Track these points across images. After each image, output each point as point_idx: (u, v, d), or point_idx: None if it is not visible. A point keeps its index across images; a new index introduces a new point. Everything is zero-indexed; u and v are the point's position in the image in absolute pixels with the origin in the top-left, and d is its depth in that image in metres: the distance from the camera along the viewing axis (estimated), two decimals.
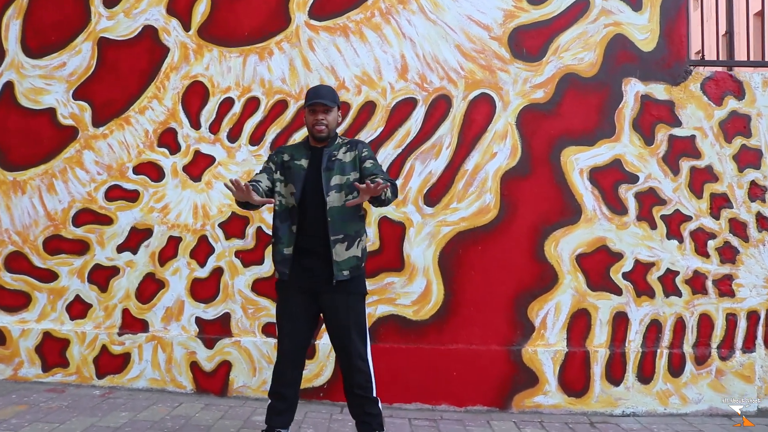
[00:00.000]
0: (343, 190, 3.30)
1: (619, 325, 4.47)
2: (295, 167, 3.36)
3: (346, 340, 3.31)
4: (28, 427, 3.66)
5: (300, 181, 3.32)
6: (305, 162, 3.37)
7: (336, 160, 3.35)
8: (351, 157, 3.37)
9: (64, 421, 3.76)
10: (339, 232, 3.27)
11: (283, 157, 3.42)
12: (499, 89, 4.54)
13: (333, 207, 3.27)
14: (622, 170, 4.51)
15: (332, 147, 3.39)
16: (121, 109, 4.62)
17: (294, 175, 3.35)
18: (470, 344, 4.44)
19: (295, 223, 3.31)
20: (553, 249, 4.48)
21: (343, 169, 3.33)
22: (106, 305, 4.57)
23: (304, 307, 3.33)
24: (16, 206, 4.64)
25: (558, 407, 4.39)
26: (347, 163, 3.35)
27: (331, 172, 3.32)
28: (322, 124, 3.33)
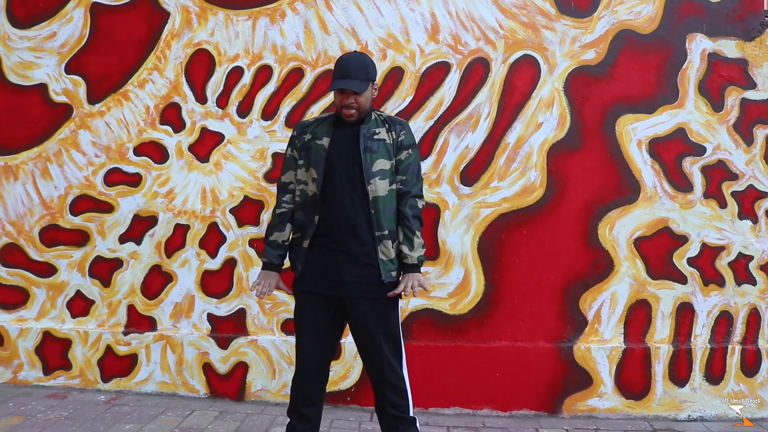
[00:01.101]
0: (387, 177, 2.77)
1: (684, 318, 3.94)
2: (315, 147, 2.81)
3: (377, 354, 2.79)
4: None
5: (321, 164, 2.77)
6: (326, 141, 2.80)
7: (378, 140, 2.78)
8: (390, 139, 2.81)
9: None
10: (384, 228, 2.75)
11: (305, 137, 2.87)
12: (543, 50, 3.96)
13: (377, 197, 2.74)
14: (687, 141, 3.93)
15: (369, 123, 2.82)
16: (119, 82, 4.13)
17: (314, 157, 2.80)
18: (515, 341, 3.94)
19: (317, 213, 2.79)
20: (608, 232, 3.94)
21: (388, 153, 2.78)
22: (110, 301, 4.14)
23: (326, 315, 2.81)
24: (9, 194, 4.20)
25: (615, 411, 3.89)
26: (389, 144, 2.80)
27: (374, 154, 2.76)
28: (351, 107, 2.75)
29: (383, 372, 2.79)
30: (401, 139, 2.83)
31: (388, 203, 2.77)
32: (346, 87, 2.71)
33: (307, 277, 2.81)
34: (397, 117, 3.05)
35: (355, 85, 2.72)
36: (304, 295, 2.83)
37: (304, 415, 2.84)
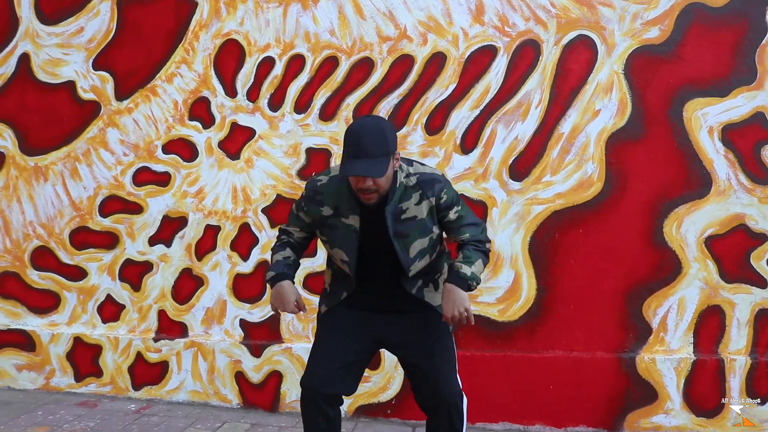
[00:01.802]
0: (428, 253, 2.44)
1: (764, 326, 3.52)
2: (342, 228, 2.42)
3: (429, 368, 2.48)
4: None
5: (353, 247, 2.40)
6: (355, 221, 2.40)
7: (410, 220, 2.38)
8: (427, 208, 2.39)
9: None
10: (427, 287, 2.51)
11: (322, 211, 2.45)
12: (601, 29, 3.58)
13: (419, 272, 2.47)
14: (767, 126, 3.49)
15: (395, 198, 2.37)
16: (147, 77, 3.95)
17: (342, 238, 2.42)
18: (570, 351, 3.59)
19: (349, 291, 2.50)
20: (675, 231, 3.54)
21: (423, 230, 2.40)
22: (140, 306, 3.98)
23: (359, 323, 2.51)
24: (39, 195, 4.08)
25: (683, 429, 3.50)
26: (425, 218, 2.40)
27: (406, 238, 2.38)
28: (370, 191, 2.29)
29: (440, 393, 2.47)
30: (443, 200, 2.40)
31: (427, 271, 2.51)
32: (363, 173, 2.22)
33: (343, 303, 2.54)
34: (431, 172, 2.47)
35: (373, 169, 2.22)
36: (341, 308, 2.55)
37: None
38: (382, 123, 2.34)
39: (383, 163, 2.24)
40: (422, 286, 2.48)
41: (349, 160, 2.24)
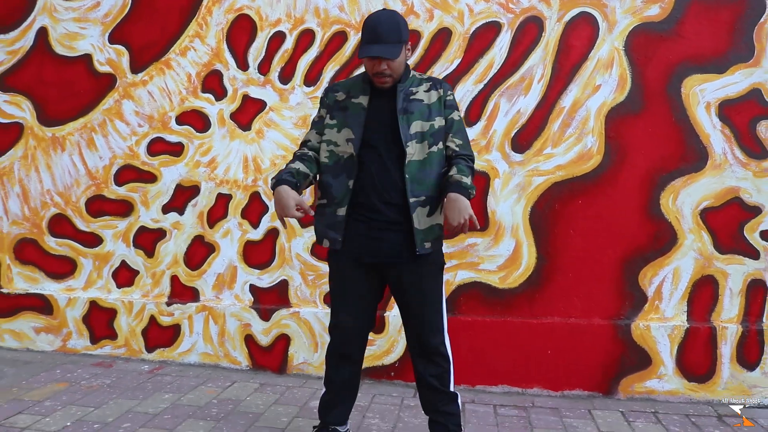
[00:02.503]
0: (426, 139, 2.58)
1: (755, 296, 3.63)
2: (351, 107, 2.64)
3: (419, 321, 2.66)
4: (60, 411, 3.25)
5: (359, 124, 2.59)
6: (364, 100, 2.62)
7: (416, 101, 2.60)
8: (435, 97, 2.63)
9: (100, 405, 3.34)
10: (420, 194, 2.55)
11: (336, 96, 2.69)
12: (602, 6, 3.68)
13: (413, 161, 2.54)
14: (763, 102, 3.59)
15: (407, 82, 2.64)
16: (161, 51, 4.07)
17: (351, 116, 2.62)
18: (568, 318, 3.72)
19: (353, 177, 2.59)
20: (672, 203, 3.65)
21: (426, 113, 2.59)
22: (154, 272, 4.12)
23: (365, 282, 2.67)
24: (57, 165, 4.22)
25: (675, 394, 3.63)
26: (431, 104, 2.61)
27: (410, 115, 2.57)
28: (384, 75, 2.55)
29: (422, 337, 2.65)
30: (449, 98, 2.66)
31: (426, 167, 2.57)
32: (378, 54, 2.48)
33: (346, 246, 2.65)
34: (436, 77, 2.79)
35: (387, 51, 2.49)
36: (343, 260, 2.67)
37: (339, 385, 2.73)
38: (396, 15, 2.60)
39: (397, 47, 2.51)
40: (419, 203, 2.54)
41: (366, 45, 2.52)
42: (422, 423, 3.15)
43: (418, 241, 2.55)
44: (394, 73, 2.55)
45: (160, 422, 3.16)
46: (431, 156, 2.58)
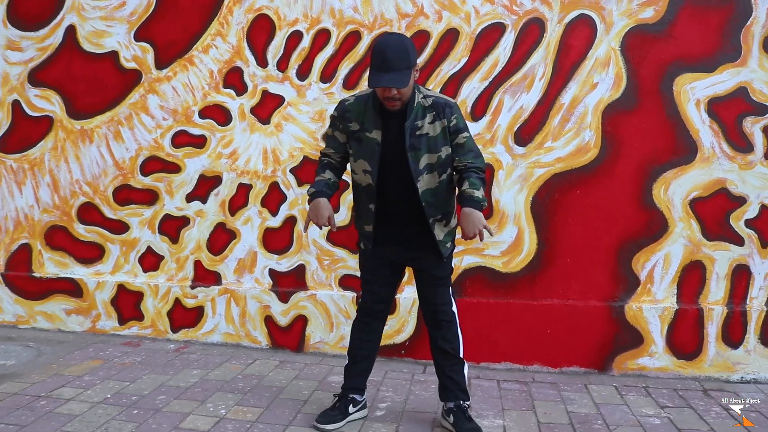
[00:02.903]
0: (435, 170, 2.86)
1: (740, 280, 3.91)
2: (366, 141, 2.88)
3: (432, 299, 3.04)
4: (99, 385, 3.53)
5: (375, 159, 2.85)
6: (378, 135, 2.85)
7: (423, 136, 2.83)
8: (440, 128, 2.84)
9: (135, 380, 3.62)
10: (436, 214, 2.90)
11: (350, 126, 2.92)
12: (600, 9, 3.93)
13: (426, 190, 2.86)
14: (749, 100, 3.86)
15: (413, 115, 2.83)
16: (184, 48, 4.32)
17: (366, 150, 2.88)
18: (566, 299, 4.00)
19: (373, 202, 2.92)
20: (663, 193, 3.93)
21: (433, 146, 2.84)
22: (178, 257, 4.39)
23: (391, 263, 3.06)
24: (85, 156, 4.47)
25: (665, 371, 3.92)
26: (437, 136, 2.84)
27: (418, 151, 2.82)
28: (394, 99, 2.76)
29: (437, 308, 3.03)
30: (453, 123, 2.86)
31: (439, 192, 2.89)
32: (389, 85, 2.67)
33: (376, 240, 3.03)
34: (444, 97, 2.94)
35: (397, 80, 2.66)
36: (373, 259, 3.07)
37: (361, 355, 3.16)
38: (404, 39, 2.79)
39: (406, 74, 2.69)
40: (436, 221, 2.90)
41: (376, 73, 2.68)
42: (432, 396, 3.45)
43: (441, 248, 2.94)
44: (403, 97, 2.78)
45: (192, 395, 3.45)
46: (441, 183, 2.90)
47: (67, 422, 3.04)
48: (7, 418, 3.07)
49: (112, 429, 3.00)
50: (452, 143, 2.88)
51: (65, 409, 3.19)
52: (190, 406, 3.29)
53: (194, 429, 3.03)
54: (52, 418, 3.08)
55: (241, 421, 3.14)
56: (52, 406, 3.22)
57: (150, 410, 3.22)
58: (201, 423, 3.09)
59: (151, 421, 3.09)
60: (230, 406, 3.31)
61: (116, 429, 2.99)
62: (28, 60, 4.51)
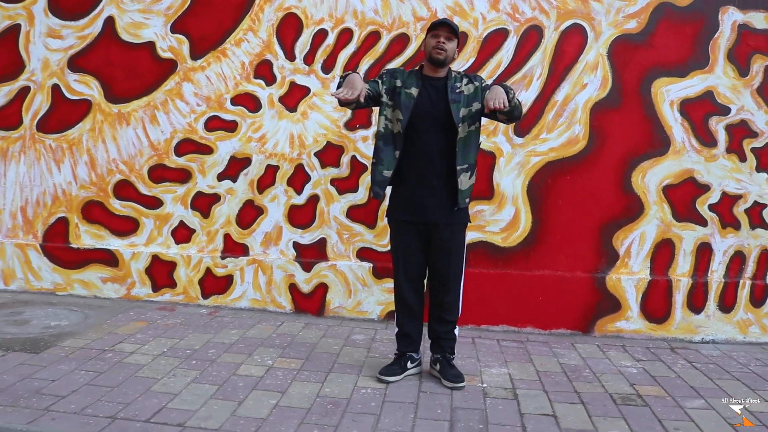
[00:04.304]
0: (467, 121, 3.41)
1: (703, 256, 4.58)
2: (404, 95, 3.43)
3: (444, 264, 3.53)
4: (153, 341, 3.99)
5: (408, 109, 3.40)
6: (415, 91, 3.43)
7: (461, 93, 3.42)
8: (473, 88, 3.45)
9: (183, 337, 4.10)
10: (464, 162, 3.41)
11: (395, 82, 3.48)
12: (591, 19, 4.53)
13: (461, 138, 3.39)
14: (714, 102, 4.51)
15: (452, 79, 3.46)
16: (218, 41, 4.76)
17: (402, 102, 3.42)
18: (556, 271, 4.61)
19: (399, 149, 3.44)
20: (640, 180, 4.56)
21: (466, 102, 3.42)
22: (209, 230, 4.85)
23: (418, 237, 3.53)
24: (122, 137, 4.88)
25: (639, 332, 4.58)
26: (470, 95, 3.44)
27: (458, 104, 3.40)
28: (441, 47, 3.39)
29: (446, 278, 3.53)
30: (486, 84, 3.52)
31: (468, 143, 3.43)
32: (446, 22, 3.42)
33: (398, 208, 3.54)
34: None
35: (451, 27, 3.41)
36: (398, 223, 3.56)
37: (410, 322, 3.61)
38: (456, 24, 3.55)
39: (456, 33, 3.44)
40: (463, 170, 3.40)
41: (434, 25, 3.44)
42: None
43: (461, 199, 3.43)
44: (448, 51, 3.42)
45: (238, 349, 3.95)
46: (470, 134, 3.45)
47: (137, 370, 3.51)
48: (85, 366, 3.53)
49: (180, 374, 3.48)
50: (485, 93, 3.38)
51: (132, 360, 3.66)
52: (240, 357, 3.80)
53: (250, 375, 3.54)
54: (124, 367, 3.55)
55: (288, 369, 3.65)
56: (119, 358, 3.68)
57: (206, 361, 3.71)
58: (254, 371, 3.60)
59: (211, 369, 3.58)
60: (274, 357, 3.83)
61: (183, 375, 3.48)
62: (68, 47, 4.88)
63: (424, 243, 3.55)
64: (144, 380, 3.36)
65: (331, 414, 3.06)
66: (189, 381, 3.38)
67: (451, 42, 3.41)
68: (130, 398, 3.12)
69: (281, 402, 3.18)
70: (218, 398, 3.19)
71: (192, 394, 3.22)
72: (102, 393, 3.17)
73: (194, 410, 3.03)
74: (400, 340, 3.65)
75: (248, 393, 3.27)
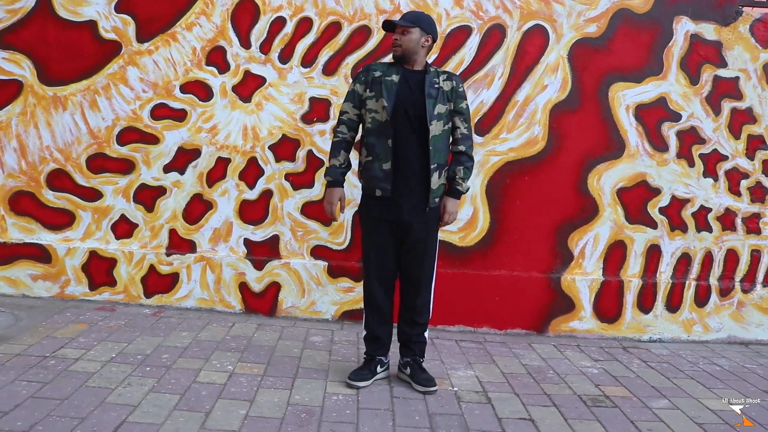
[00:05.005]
0: (442, 119, 3.33)
1: (652, 257, 4.70)
2: (386, 82, 3.34)
3: (417, 265, 3.44)
4: (98, 346, 3.70)
5: (392, 95, 3.30)
6: (396, 77, 3.35)
7: (439, 89, 3.35)
8: (449, 86, 3.38)
9: (131, 341, 3.82)
10: (437, 161, 3.32)
11: (374, 73, 3.39)
12: (553, 21, 4.54)
13: (435, 135, 3.30)
14: (667, 108, 4.62)
15: (431, 74, 3.38)
16: (167, 24, 4.46)
17: (385, 89, 3.32)
18: (512, 271, 4.62)
19: (391, 137, 3.32)
20: (596, 182, 4.62)
21: (443, 99, 3.35)
22: (153, 225, 4.56)
23: (390, 237, 3.42)
24: (57, 123, 4.50)
25: (591, 332, 4.65)
26: (447, 92, 3.37)
27: (434, 99, 3.32)
28: (396, 44, 3.35)
29: (417, 282, 3.44)
30: (460, 90, 3.43)
31: (441, 141, 3.35)
32: (393, 20, 3.35)
33: (374, 206, 3.42)
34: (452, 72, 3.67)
35: (400, 21, 3.32)
36: (372, 222, 3.43)
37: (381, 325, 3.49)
38: (424, 13, 3.49)
39: (409, 24, 3.32)
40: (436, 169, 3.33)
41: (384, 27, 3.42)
42: None
43: (431, 198, 3.35)
44: (403, 45, 3.34)
45: (193, 353, 3.72)
46: (443, 133, 3.37)
47: (87, 379, 3.23)
48: (26, 375, 3.21)
49: (135, 383, 3.23)
50: (456, 105, 3.39)
51: (79, 367, 3.37)
52: (197, 363, 3.57)
53: (212, 382, 3.33)
54: (71, 376, 3.25)
55: (251, 375, 3.47)
56: (63, 365, 3.38)
57: (161, 367, 3.47)
58: (216, 377, 3.39)
59: (168, 377, 3.35)
60: (234, 362, 3.63)
61: (139, 383, 3.23)
62: None
63: (396, 243, 3.44)
64: (97, 390, 3.09)
65: (307, 424, 2.91)
66: (147, 390, 3.14)
67: (406, 34, 3.33)
68: (84, 412, 2.86)
69: (251, 412, 3.00)
70: (182, 409, 2.97)
71: (153, 405, 2.98)
72: (51, 407, 2.88)
73: (159, 424, 2.80)
74: (369, 344, 3.54)
75: (214, 402, 3.07)
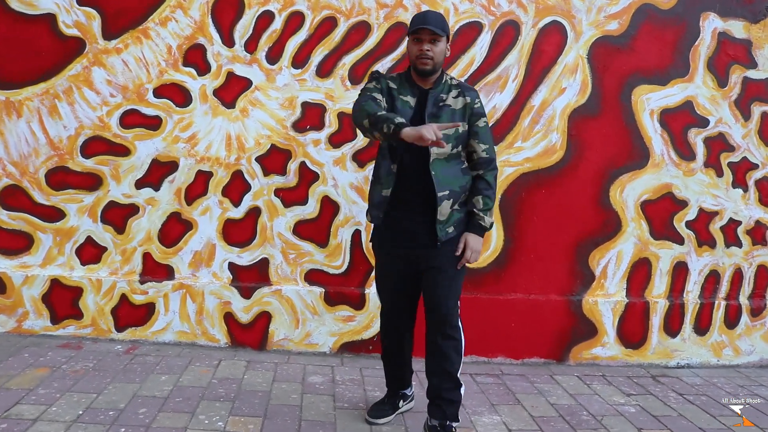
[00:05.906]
0: (450, 141, 2.83)
1: (679, 276, 4.31)
2: (401, 104, 2.86)
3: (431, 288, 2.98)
4: (61, 399, 3.11)
5: (407, 118, 2.81)
6: (412, 100, 2.87)
7: (444, 106, 2.87)
8: (461, 104, 2.89)
9: (101, 390, 3.25)
10: (445, 188, 2.84)
11: (390, 83, 2.91)
12: (571, 17, 4.10)
13: (437, 160, 2.82)
14: (693, 113, 4.23)
15: (439, 88, 2.90)
16: (138, 18, 3.89)
17: (398, 111, 2.84)
18: (529, 294, 4.17)
19: (395, 162, 2.86)
20: (619, 195, 4.20)
21: (452, 117, 2.86)
22: (124, 248, 3.99)
23: (404, 267, 2.98)
24: (11, 131, 3.90)
25: (615, 359, 4.24)
26: (457, 110, 2.88)
27: (437, 119, 2.83)
28: (426, 56, 2.80)
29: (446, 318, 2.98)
30: (477, 106, 2.93)
31: (448, 165, 2.86)
32: (427, 26, 2.77)
33: (385, 236, 2.97)
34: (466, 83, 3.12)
35: (434, 29, 2.77)
36: (384, 254, 3.02)
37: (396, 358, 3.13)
38: (442, 15, 2.94)
39: (442, 33, 2.80)
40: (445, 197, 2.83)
41: (416, 26, 2.81)
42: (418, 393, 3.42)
43: (440, 230, 2.86)
44: (435, 57, 2.82)
45: (175, 406, 3.17)
46: (452, 156, 2.88)
47: None
48: None
49: None
50: (471, 126, 2.90)
51: None
52: (181, 419, 3.02)
53: None
54: None
55: None
56: (18, 430, 2.81)
57: (139, 427, 2.91)
58: None
59: None
60: (224, 416, 3.09)
61: None
62: None
63: (412, 272, 2.99)
64: None
65: None
66: None
67: (438, 44, 2.82)
68: None
69: None
70: None
71: None
72: None
73: None
74: (391, 380, 3.22)
75: None
